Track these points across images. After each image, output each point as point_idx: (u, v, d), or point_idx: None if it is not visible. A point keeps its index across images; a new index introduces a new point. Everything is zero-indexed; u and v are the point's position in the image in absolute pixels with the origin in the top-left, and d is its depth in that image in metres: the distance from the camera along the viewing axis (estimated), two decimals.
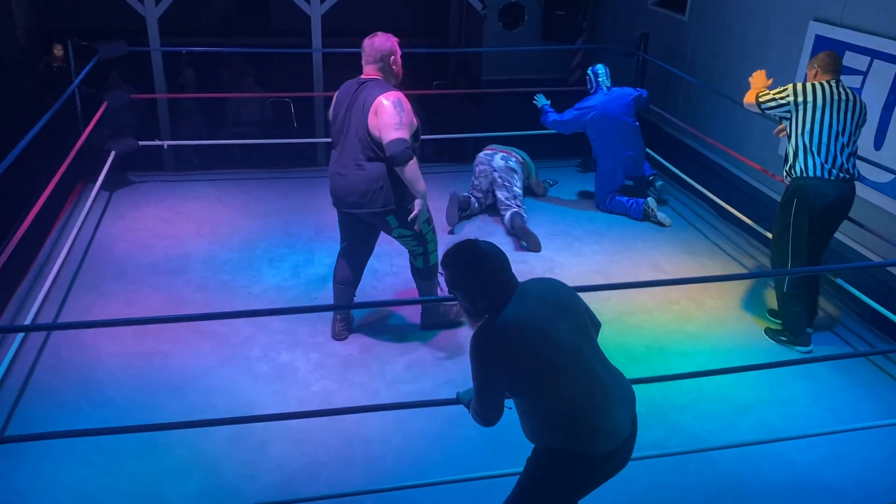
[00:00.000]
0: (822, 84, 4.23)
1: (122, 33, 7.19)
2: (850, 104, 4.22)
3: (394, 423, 3.81)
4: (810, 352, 4.54)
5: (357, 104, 3.97)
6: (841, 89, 4.23)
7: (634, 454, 3.61)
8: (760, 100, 4.38)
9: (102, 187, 6.08)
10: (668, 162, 6.76)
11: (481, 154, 6.22)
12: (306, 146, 8.70)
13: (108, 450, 3.52)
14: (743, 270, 5.56)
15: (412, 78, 9.89)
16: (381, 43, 4.05)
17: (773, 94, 4.33)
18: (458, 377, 4.17)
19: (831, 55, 4.31)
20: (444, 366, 4.29)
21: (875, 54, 4.90)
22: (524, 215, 5.83)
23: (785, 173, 4.42)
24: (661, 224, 6.14)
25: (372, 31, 4.21)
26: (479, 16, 9.10)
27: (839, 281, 4.89)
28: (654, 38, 7.32)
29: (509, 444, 3.76)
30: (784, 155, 4.43)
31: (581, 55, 9.12)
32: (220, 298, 4.84)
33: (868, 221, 4.87)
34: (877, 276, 4.85)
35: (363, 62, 4.08)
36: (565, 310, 2.50)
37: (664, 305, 4.96)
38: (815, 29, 5.41)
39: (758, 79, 4.57)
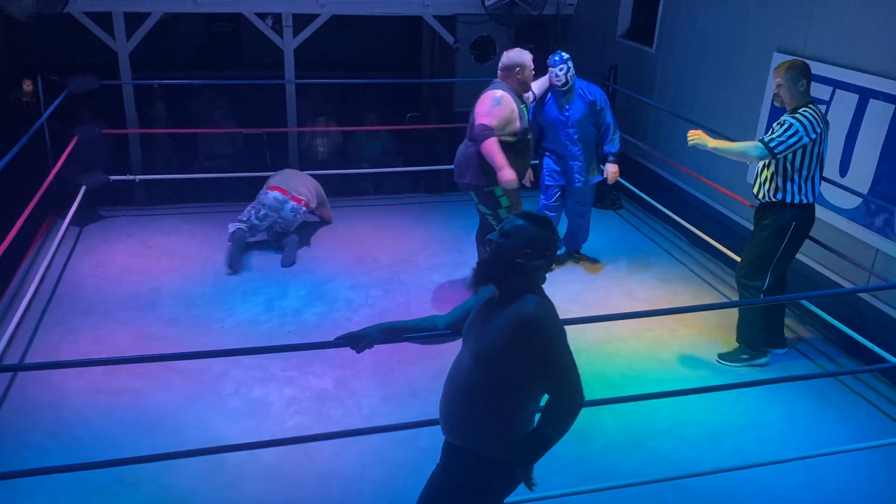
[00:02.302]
0: (819, 112, 4.19)
1: (93, 67, 7.17)
2: (827, 130, 4.29)
3: (371, 458, 3.76)
4: (767, 363, 4.69)
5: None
6: (821, 111, 4.25)
7: (613, 482, 3.60)
8: (777, 149, 4.16)
9: (72, 222, 6.00)
10: (638, 190, 6.83)
11: (270, 197, 5.87)
12: None
13: (76, 489, 3.43)
14: (715, 296, 5.61)
15: (385, 110, 9.99)
16: (512, 56, 4.98)
17: (787, 142, 4.14)
18: (435, 409, 4.12)
19: (807, 64, 4.26)
20: (422, 398, 4.25)
21: (837, 84, 5.03)
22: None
23: (775, 195, 4.34)
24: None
25: (345, 63, 4.29)
26: (451, 49, 9.21)
27: (811, 306, 4.96)
28: (623, 70, 7.45)
29: None
30: (772, 178, 4.33)
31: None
32: (193, 333, 4.77)
33: (835, 246, 4.96)
34: (847, 301, 4.92)
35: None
36: None
37: (639, 333, 4.98)
38: (779, 60, 5.53)
39: (706, 139, 4.34)
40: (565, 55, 5.69)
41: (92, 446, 3.75)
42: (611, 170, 5.67)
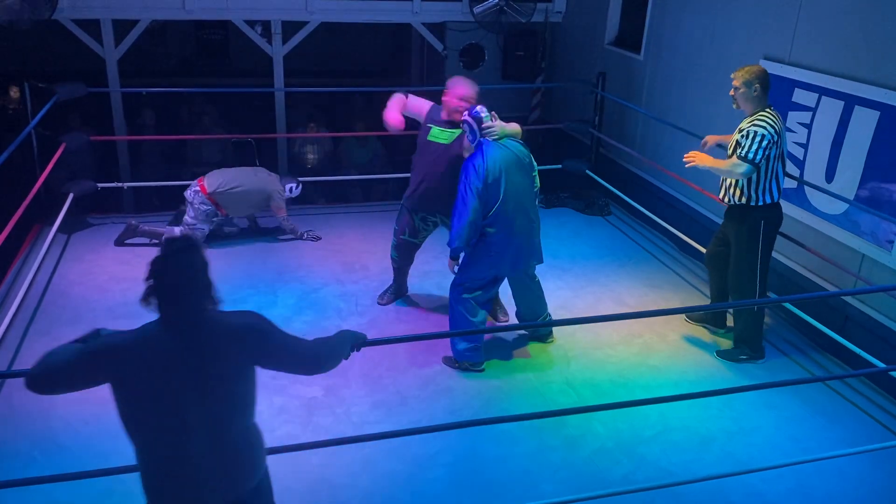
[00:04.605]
0: (775, 114, 4.41)
1: (81, 75, 7.14)
2: (785, 129, 4.50)
3: (360, 466, 3.75)
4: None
5: None
6: (777, 113, 4.45)
7: (603, 489, 3.60)
8: (755, 159, 4.31)
9: (60, 230, 5.97)
10: (627, 196, 6.86)
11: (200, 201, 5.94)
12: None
13: (63, 501, 3.40)
14: (704, 301, 5.63)
15: (375, 117, 9.99)
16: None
17: (760, 149, 4.31)
18: (424, 417, 4.13)
19: (765, 70, 4.47)
20: (411, 405, 4.25)
21: (823, 91, 5.07)
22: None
23: (741, 199, 4.50)
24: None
25: (334, 70, 4.28)
26: (440, 56, 9.23)
27: (798, 311, 4.99)
28: (611, 77, 7.49)
29: (478, 483, 3.73)
30: (736, 182, 4.51)
31: (540, 94, 9.29)
32: None
33: (822, 251, 5.00)
34: (833, 305, 4.95)
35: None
36: None
37: (628, 339, 4.99)
38: (766, 67, 5.58)
39: (705, 159, 4.53)
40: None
41: (79, 455, 3.72)
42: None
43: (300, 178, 6.58)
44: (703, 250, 5.82)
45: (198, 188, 5.95)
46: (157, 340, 2.23)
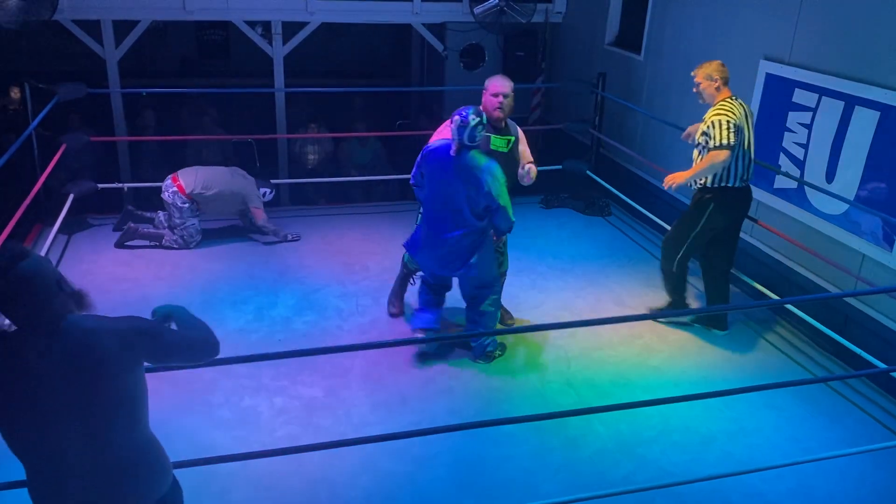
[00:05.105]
0: (734, 104, 4.64)
1: (81, 75, 7.14)
2: (748, 115, 4.72)
3: (361, 466, 3.75)
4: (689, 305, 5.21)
5: None
6: (740, 103, 4.68)
7: (603, 490, 3.60)
8: (728, 142, 4.52)
9: (60, 230, 5.97)
10: (627, 196, 6.86)
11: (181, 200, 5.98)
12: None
13: None
14: (704, 301, 5.63)
15: (375, 117, 10.00)
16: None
17: (729, 133, 4.54)
18: (425, 418, 4.13)
19: (724, 66, 4.73)
20: (412, 405, 4.25)
21: (823, 91, 5.07)
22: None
23: (702, 181, 4.78)
24: None
25: (334, 71, 4.26)
26: (441, 57, 9.23)
27: (799, 312, 4.99)
28: (611, 77, 7.49)
29: (479, 484, 3.73)
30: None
31: (541, 94, 9.29)
32: None
33: (822, 252, 5.00)
34: (833, 306, 4.95)
35: None
36: None
37: (628, 340, 4.99)
38: (766, 67, 5.59)
39: (681, 176, 4.76)
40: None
41: None
42: None
43: (300, 179, 6.58)
44: None
45: (175, 189, 5.96)
46: (20, 349, 2.08)
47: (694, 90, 4.82)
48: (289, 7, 8.06)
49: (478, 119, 4.24)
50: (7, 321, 2.13)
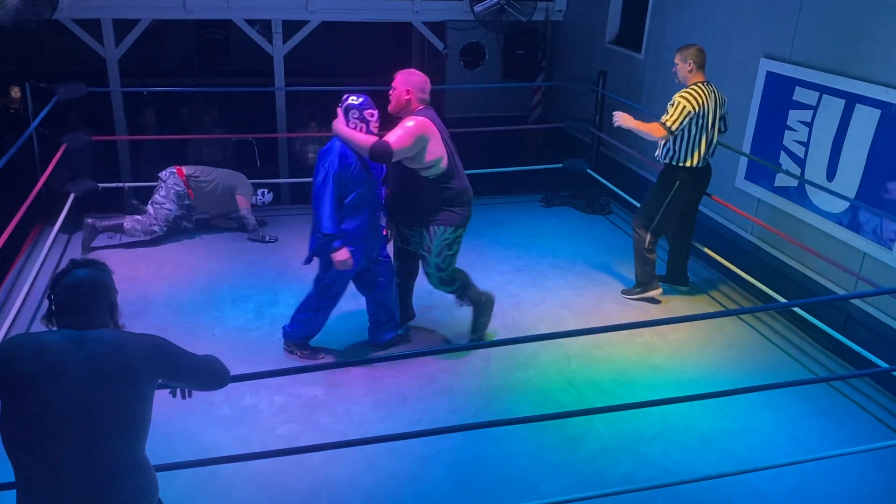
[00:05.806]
0: (703, 89, 4.94)
1: (81, 74, 7.14)
2: (718, 102, 5.02)
3: (361, 465, 3.75)
4: (661, 291, 5.45)
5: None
6: (711, 89, 4.98)
7: (604, 489, 3.60)
8: (672, 126, 4.94)
9: (61, 230, 5.97)
10: (627, 194, 6.86)
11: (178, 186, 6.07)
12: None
13: None
14: (705, 300, 5.63)
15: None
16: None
17: (678, 117, 4.92)
18: (425, 416, 4.13)
19: (702, 50, 4.99)
20: (412, 404, 4.25)
21: (824, 89, 5.07)
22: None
23: (667, 158, 5.16)
24: None
25: (334, 70, 4.25)
26: (441, 55, 9.23)
27: (800, 311, 4.99)
28: (611, 75, 7.48)
29: (479, 483, 3.73)
30: (665, 145, 5.13)
31: (541, 93, 9.29)
32: (182, 341, 4.64)
33: (821, 249, 4.99)
34: (834, 305, 4.94)
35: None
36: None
37: (629, 339, 4.99)
38: (766, 66, 5.59)
39: (628, 120, 5.09)
40: None
41: None
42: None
43: (300, 179, 6.58)
44: (704, 249, 5.84)
45: (173, 169, 6.13)
46: (55, 349, 2.15)
47: (673, 70, 5.12)
48: (289, 6, 8.06)
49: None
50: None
